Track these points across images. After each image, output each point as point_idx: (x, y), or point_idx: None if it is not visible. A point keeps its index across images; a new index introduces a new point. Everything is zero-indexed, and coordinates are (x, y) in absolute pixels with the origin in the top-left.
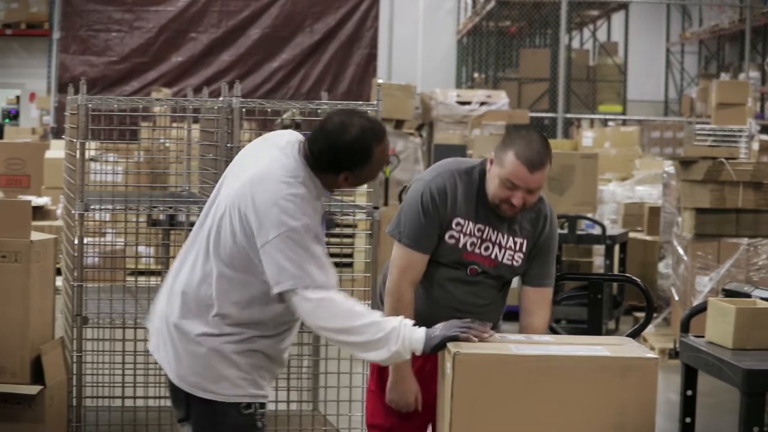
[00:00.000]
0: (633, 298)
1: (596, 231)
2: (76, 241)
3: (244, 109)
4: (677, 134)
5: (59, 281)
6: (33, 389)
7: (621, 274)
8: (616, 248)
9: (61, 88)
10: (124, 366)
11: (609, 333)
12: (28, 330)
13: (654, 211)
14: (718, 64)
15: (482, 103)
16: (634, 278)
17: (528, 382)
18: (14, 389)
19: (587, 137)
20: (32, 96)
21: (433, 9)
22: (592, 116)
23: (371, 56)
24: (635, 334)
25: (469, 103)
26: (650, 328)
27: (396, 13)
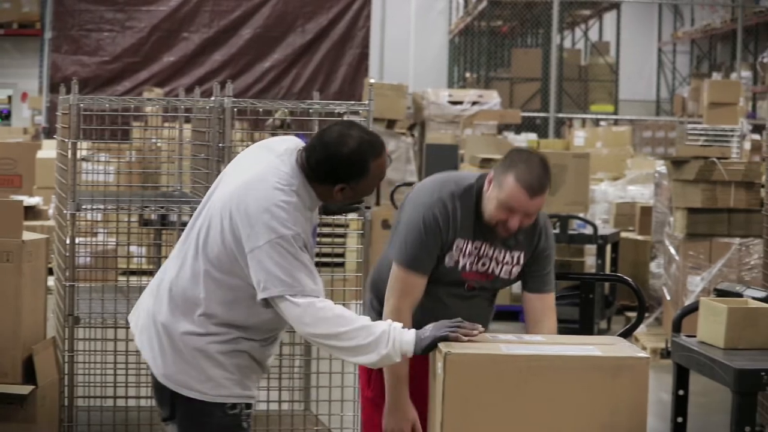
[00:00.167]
0: (625, 298)
1: (588, 231)
2: (68, 241)
3: (235, 109)
4: (669, 134)
5: (51, 281)
6: (25, 389)
7: (613, 273)
8: (608, 248)
9: (53, 88)
10: (116, 366)
11: (600, 333)
12: (20, 330)
13: (646, 211)
14: (710, 64)
15: (474, 103)
16: (625, 278)
17: (519, 382)
18: (6, 389)
19: (579, 137)
20: (24, 96)
21: (425, 9)
22: (584, 116)
23: (363, 56)
24: (627, 333)
25: (460, 102)
26: (642, 328)
27: (388, 13)
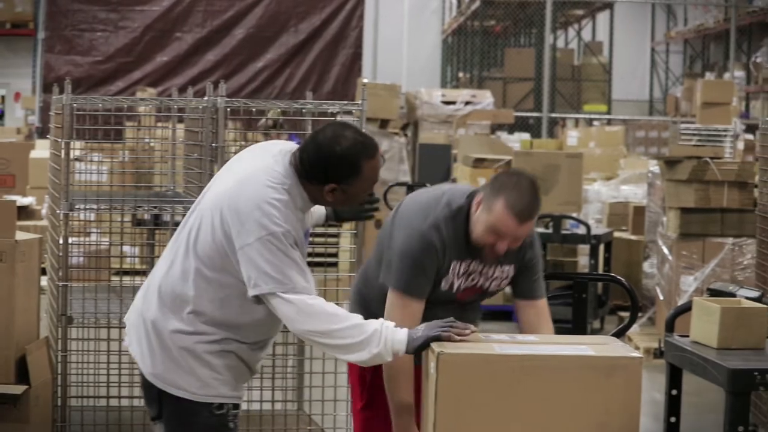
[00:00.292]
0: (618, 298)
1: (581, 230)
2: (61, 241)
3: (228, 109)
4: (662, 134)
5: (44, 281)
6: (18, 389)
7: (606, 273)
8: (601, 248)
9: (46, 88)
10: (109, 366)
11: (594, 332)
12: (13, 330)
13: (639, 211)
14: (703, 64)
15: (467, 103)
16: (618, 278)
17: (512, 382)
18: None
19: (572, 137)
20: (17, 96)
21: (418, 8)
22: (577, 116)
23: (356, 56)
24: (620, 333)
25: (454, 102)
26: (635, 328)
27: (381, 12)
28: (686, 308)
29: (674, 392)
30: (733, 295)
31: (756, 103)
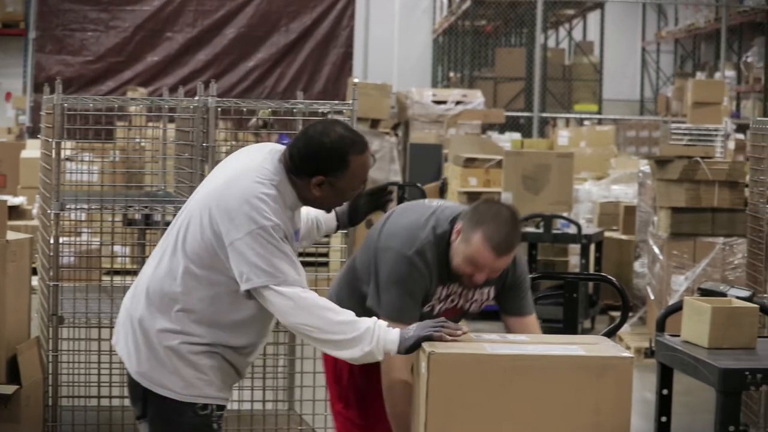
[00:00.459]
0: (609, 298)
1: (572, 230)
2: (52, 241)
3: (219, 109)
4: (653, 133)
5: (35, 281)
6: (8, 389)
7: (596, 273)
8: (592, 247)
9: (37, 88)
10: (100, 365)
11: (584, 332)
12: (3, 329)
13: (629, 211)
14: (694, 63)
15: (458, 103)
16: (609, 277)
17: (503, 382)
18: None
19: (563, 136)
20: (8, 95)
21: (409, 8)
22: (568, 115)
23: (347, 55)
24: (611, 333)
25: (444, 102)
26: (626, 327)
27: (372, 12)
28: (677, 308)
29: (665, 392)
30: (723, 294)
31: (747, 102)
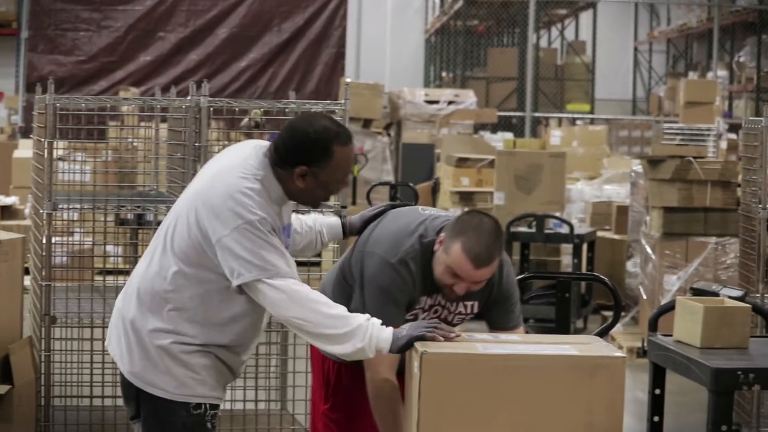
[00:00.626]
0: (601, 297)
1: (564, 230)
2: (44, 241)
3: (211, 109)
4: (645, 133)
5: (27, 281)
6: (1, 389)
7: (589, 273)
8: (584, 247)
9: (29, 88)
10: (93, 365)
11: (577, 332)
12: None
13: (622, 210)
14: (686, 63)
15: (450, 102)
16: (602, 277)
17: (495, 381)
18: None
19: (555, 136)
20: (0, 95)
21: (401, 8)
22: (560, 115)
23: (339, 55)
24: (603, 332)
25: (437, 102)
26: (618, 327)
27: (364, 12)
28: (669, 307)
29: (657, 391)
30: (716, 294)
31: (739, 102)
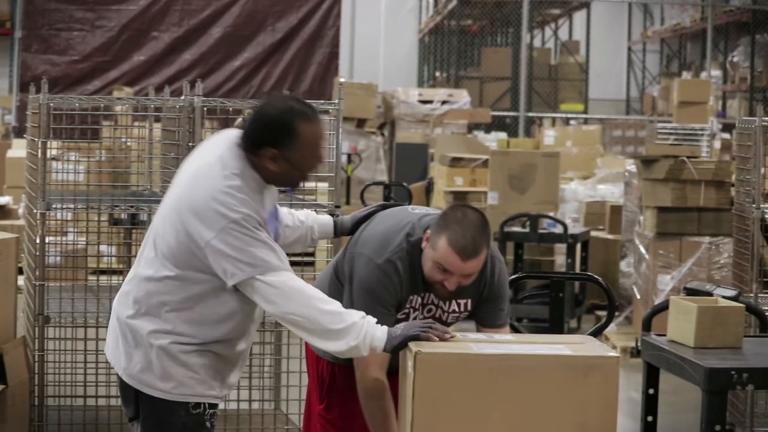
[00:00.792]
0: (595, 297)
1: (558, 230)
2: (38, 240)
3: (205, 108)
4: (639, 133)
5: (21, 280)
6: None
7: (583, 272)
8: (578, 247)
9: (23, 87)
10: (86, 365)
11: (571, 332)
12: None
13: (616, 210)
14: (680, 63)
15: (444, 102)
16: (595, 277)
17: (489, 381)
18: None
19: (549, 136)
20: None
21: (395, 8)
22: (554, 115)
23: (333, 55)
24: (597, 332)
25: (430, 101)
26: (612, 327)
27: (358, 11)
28: (663, 307)
29: (651, 391)
30: (710, 294)
31: (732, 102)
